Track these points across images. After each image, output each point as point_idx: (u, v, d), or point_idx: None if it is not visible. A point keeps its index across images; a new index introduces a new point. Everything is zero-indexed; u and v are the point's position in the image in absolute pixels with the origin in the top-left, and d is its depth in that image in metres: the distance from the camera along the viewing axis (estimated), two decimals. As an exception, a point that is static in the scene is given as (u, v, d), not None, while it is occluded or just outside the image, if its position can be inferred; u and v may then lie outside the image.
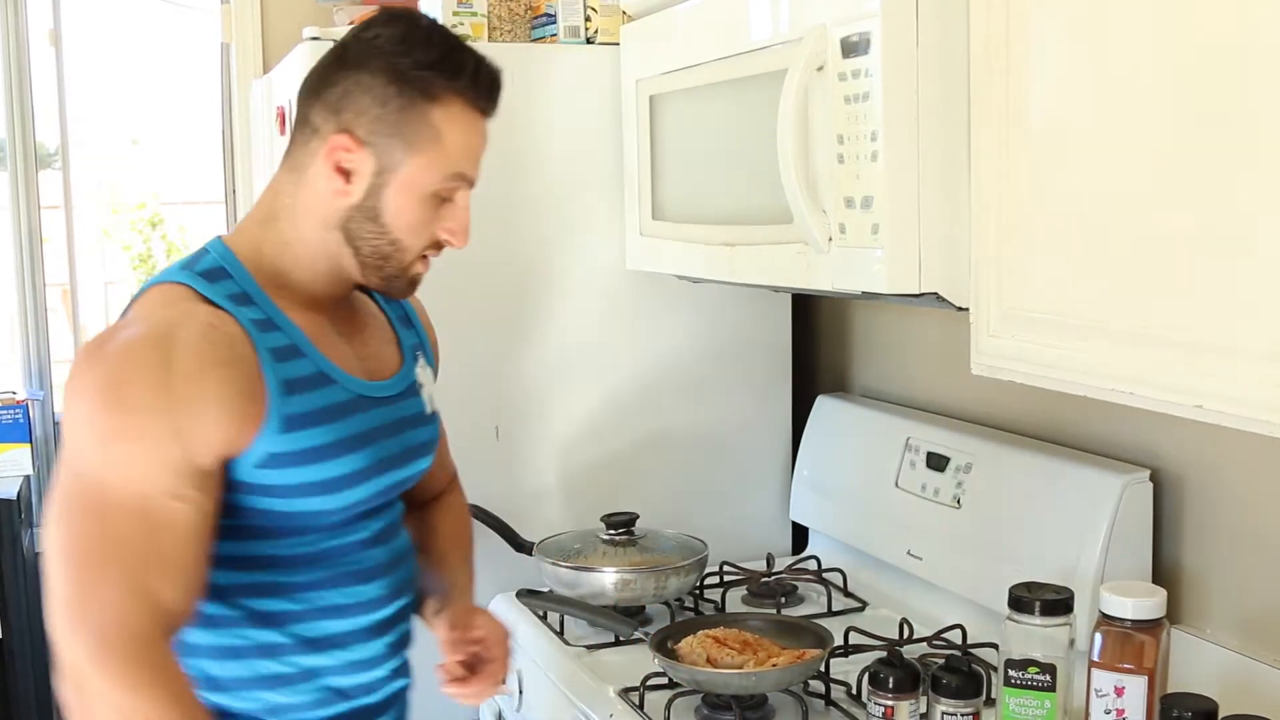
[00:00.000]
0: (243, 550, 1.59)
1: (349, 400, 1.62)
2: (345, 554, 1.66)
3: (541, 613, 2.36)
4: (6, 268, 3.81)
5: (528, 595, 2.36)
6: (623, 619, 2.20)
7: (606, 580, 2.28)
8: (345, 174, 1.58)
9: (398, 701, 1.82)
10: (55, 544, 1.47)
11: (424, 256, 1.67)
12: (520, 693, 2.30)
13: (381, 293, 1.73)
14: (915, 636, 2.11)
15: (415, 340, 1.84)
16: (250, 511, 1.57)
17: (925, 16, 1.67)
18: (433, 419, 1.82)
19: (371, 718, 1.75)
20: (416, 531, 1.90)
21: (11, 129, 3.94)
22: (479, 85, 1.61)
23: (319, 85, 1.61)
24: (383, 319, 1.81)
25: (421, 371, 1.81)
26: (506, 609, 2.43)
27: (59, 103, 3.94)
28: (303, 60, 2.40)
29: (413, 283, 1.70)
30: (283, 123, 2.62)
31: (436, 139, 1.58)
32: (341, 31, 2.38)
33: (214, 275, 1.58)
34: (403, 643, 1.79)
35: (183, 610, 1.50)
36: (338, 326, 1.68)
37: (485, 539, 2.44)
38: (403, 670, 1.81)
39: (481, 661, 1.80)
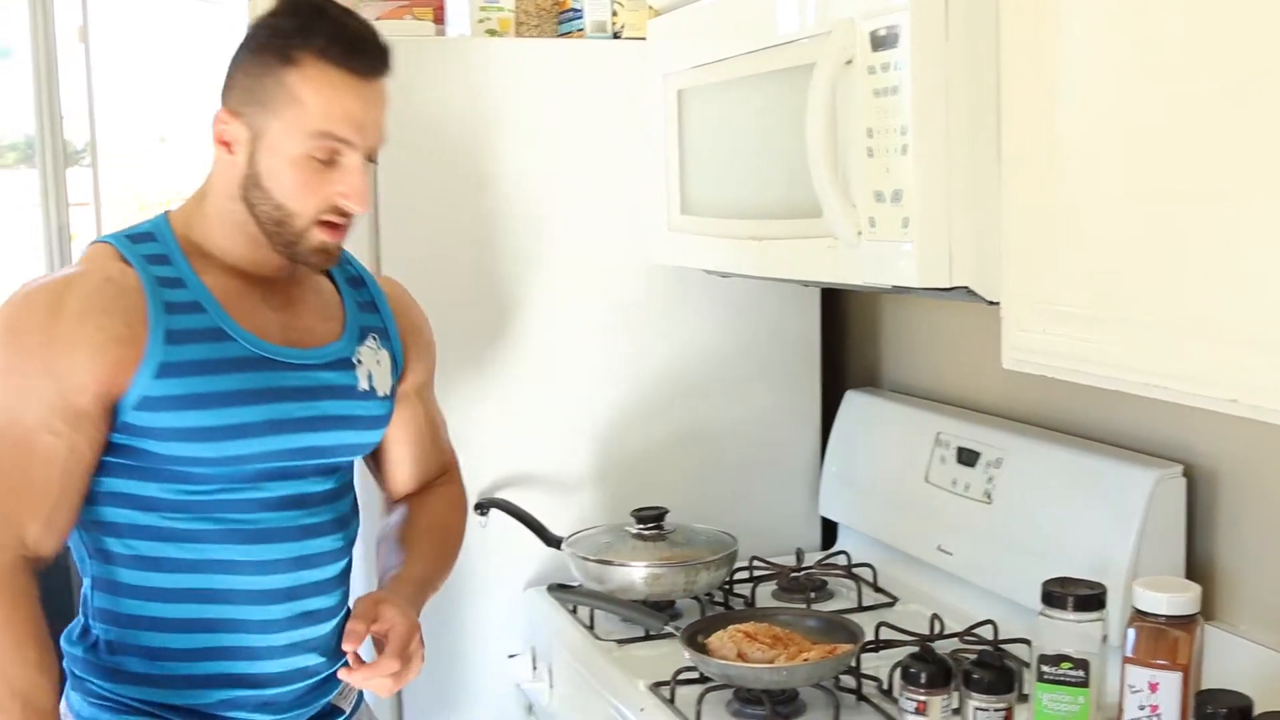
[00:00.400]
0: (132, 489, 1.70)
1: (247, 358, 1.71)
2: (238, 510, 1.73)
3: (572, 607, 2.36)
4: (36, 264, 3.83)
5: (559, 589, 2.37)
6: (653, 613, 2.19)
7: (636, 575, 2.28)
8: (227, 145, 1.70)
9: (303, 678, 1.83)
10: None
11: (326, 224, 1.71)
12: (551, 686, 2.31)
13: (292, 260, 1.75)
14: (946, 632, 2.11)
15: (375, 324, 1.91)
16: (136, 452, 1.67)
17: (955, 9, 1.66)
18: (368, 395, 1.84)
19: (259, 686, 1.77)
20: (399, 517, 1.97)
21: (40, 127, 3.96)
22: (336, 45, 1.66)
23: (224, 78, 1.73)
24: (333, 298, 1.88)
25: (367, 352, 1.86)
26: (537, 603, 2.44)
27: (88, 100, 3.96)
28: (331, 56, 2.40)
29: (320, 251, 1.73)
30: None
31: (294, 101, 1.65)
32: (369, 27, 2.40)
33: (140, 239, 1.73)
34: (316, 618, 1.81)
35: (46, 548, 1.64)
36: (266, 298, 1.77)
37: (515, 534, 2.45)
38: (317, 648, 1.83)
39: (381, 650, 1.77)
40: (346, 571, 1.88)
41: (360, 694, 2.00)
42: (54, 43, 3.91)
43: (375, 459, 2.02)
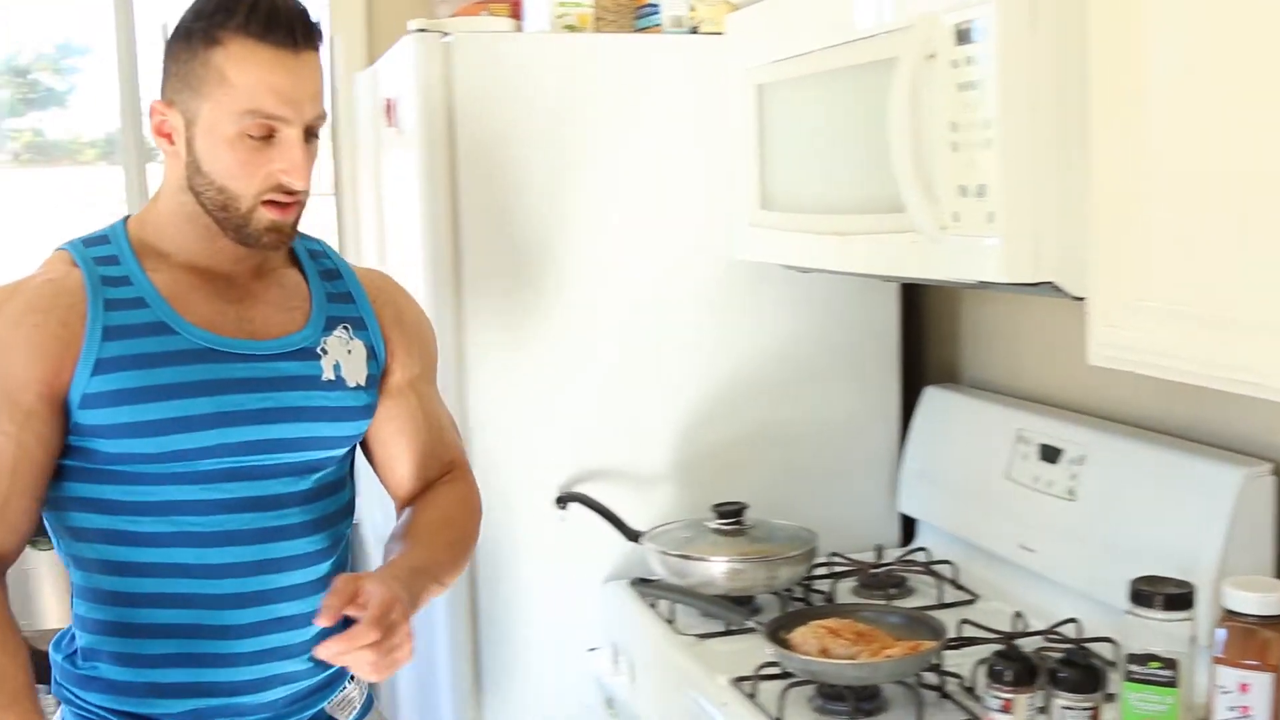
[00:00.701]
0: (92, 493, 1.68)
1: (190, 350, 1.68)
2: (195, 512, 1.69)
3: (652, 601, 2.37)
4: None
5: (640, 583, 2.37)
6: (735, 608, 2.20)
7: (717, 570, 2.28)
8: (167, 136, 1.69)
9: (278, 685, 1.77)
10: None
11: (271, 203, 1.68)
12: (632, 680, 2.31)
13: (245, 244, 1.71)
14: (1029, 630, 2.09)
15: (349, 314, 1.85)
16: (89, 453, 1.66)
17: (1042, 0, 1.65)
18: (337, 385, 1.79)
19: (229, 695, 1.73)
20: (404, 517, 1.90)
21: (124, 124, 4.01)
22: (256, 20, 1.62)
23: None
24: (300, 289, 1.83)
25: (336, 342, 1.80)
26: (617, 597, 2.44)
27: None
28: (409, 52, 2.42)
29: (271, 230, 1.70)
30: (390, 114, 2.64)
31: (221, 81, 1.63)
32: (446, 24, 2.42)
33: (93, 241, 1.72)
34: (291, 623, 1.75)
35: (2, 497, 1.62)
36: (224, 291, 1.74)
37: (595, 528, 2.45)
38: (295, 654, 1.76)
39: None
40: (332, 577, 1.76)
41: (367, 704, 1.94)
42: (135, 40, 3.96)
43: (374, 456, 1.94)
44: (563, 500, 2.48)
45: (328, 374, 1.78)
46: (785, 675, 1.96)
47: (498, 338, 2.46)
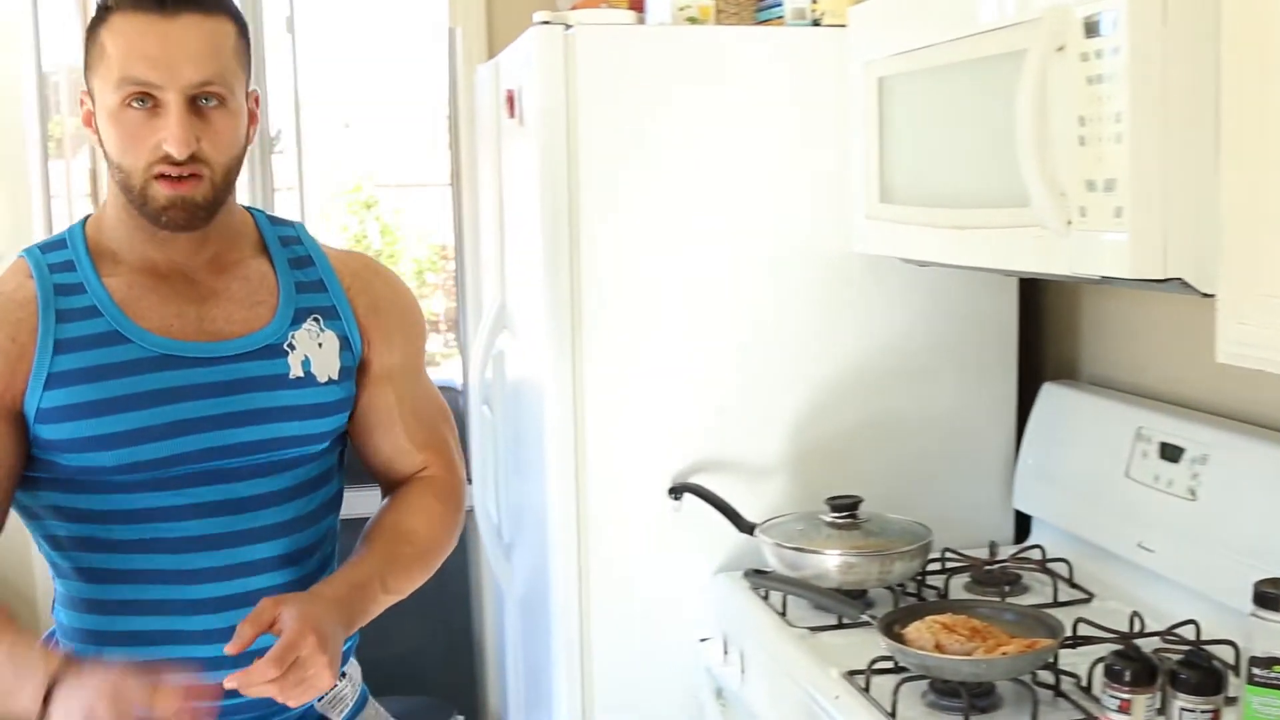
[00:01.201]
0: (64, 501, 1.67)
1: (145, 359, 1.65)
2: (165, 519, 1.67)
3: (764, 593, 2.37)
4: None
5: (753, 575, 2.38)
6: (850, 601, 2.19)
7: (830, 563, 2.28)
8: (88, 123, 1.67)
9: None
10: None
11: (162, 177, 1.62)
12: (742, 671, 2.32)
13: (154, 224, 1.66)
14: (1147, 630, 2.06)
15: (322, 304, 1.80)
16: (51, 465, 1.64)
17: (1174, -8, 1.63)
18: (307, 382, 1.74)
19: (218, 698, 1.63)
20: (372, 517, 1.85)
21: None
22: None
23: None
24: (266, 282, 1.77)
25: (305, 336, 1.75)
26: (729, 588, 2.45)
27: (294, 89, 4.07)
28: (532, 44, 2.44)
29: (167, 208, 1.63)
30: (511, 106, 2.67)
31: (102, 54, 1.61)
32: (569, 16, 2.44)
33: (50, 247, 1.71)
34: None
35: None
36: (182, 291, 1.71)
37: (708, 519, 2.46)
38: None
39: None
40: (315, 575, 1.79)
41: (361, 700, 1.89)
42: (262, 33, 4.03)
43: (356, 447, 1.90)
44: (676, 491, 2.49)
45: (295, 371, 1.73)
46: (899, 670, 1.95)
47: (614, 328, 2.48)
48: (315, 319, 1.77)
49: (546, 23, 2.44)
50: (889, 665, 1.97)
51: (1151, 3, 1.63)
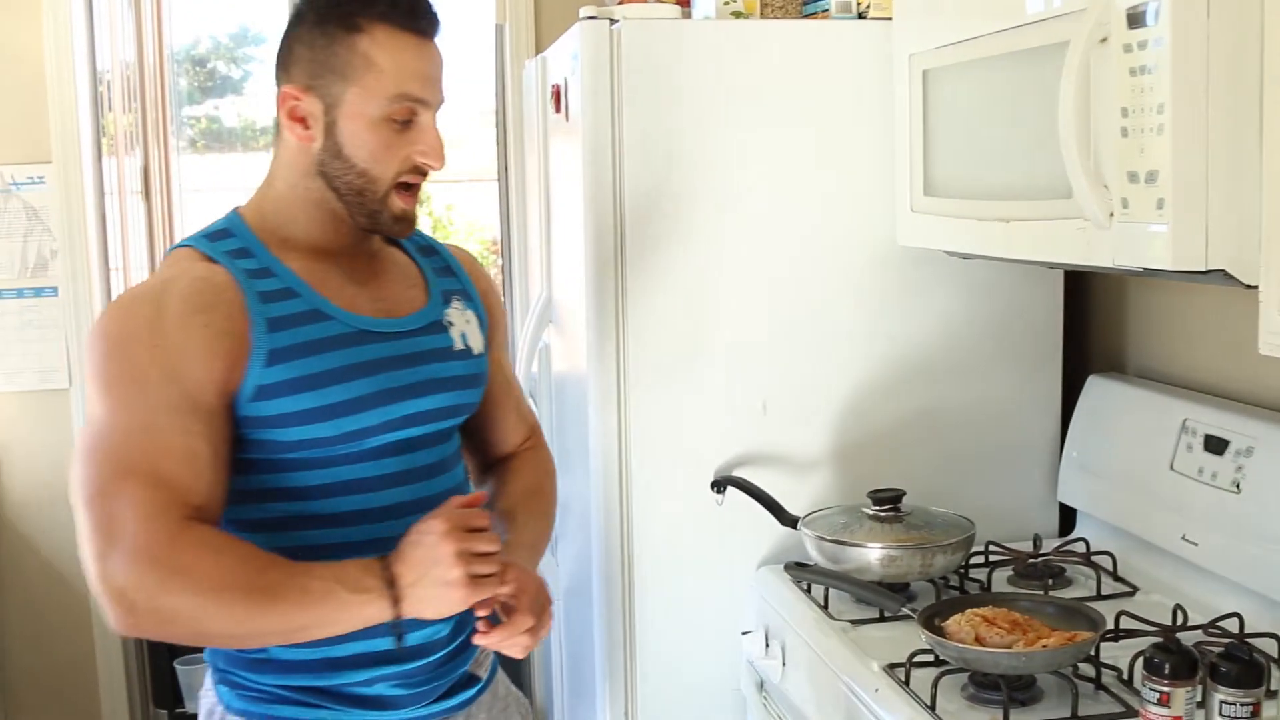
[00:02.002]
0: (264, 483, 1.72)
1: (347, 333, 1.73)
2: (363, 490, 1.74)
3: (806, 586, 2.37)
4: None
5: (795, 568, 2.38)
6: (890, 595, 2.19)
7: (872, 556, 2.28)
8: (301, 121, 1.70)
9: (435, 650, 1.81)
10: (76, 491, 1.60)
11: (404, 187, 1.73)
12: (783, 664, 2.32)
13: (375, 232, 1.78)
14: (1190, 624, 2.06)
15: (456, 286, 1.92)
16: (260, 444, 1.69)
17: (1217, -16, 1.63)
18: (466, 354, 1.86)
19: (397, 662, 1.77)
20: (492, 487, 1.97)
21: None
22: (398, 6, 1.68)
23: (277, 55, 1.75)
24: (410, 267, 1.89)
25: (455, 313, 1.88)
26: (771, 581, 2.46)
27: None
28: (578, 38, 2.46)
29: (401, 218, 1.76)
30: (558, 101, 2.68)
31: (369, 66, 1.67)
32: (615, 11, 2.45)
33: (217, 236, 1.74)
34: None
35: (206, 496, 1.61)
36: (350, 273, 1.79)
37: (751, 512, 2.47)
38: (445, 619, 1.78)
39: (511, 613, 1.73)
40: None
41: (495, 663, 1.99)
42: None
43: (471, 424, 1.98)
44: (719, 484, 2.50)
45: (458, 344, 1.86)
46: (939, 663, 1.96)
47: (658, 322, 2.49)
48: (457, 299, 1.90)
49: (592, 18, 2.45)
50: (929, 658, 1.97)
51: (1195, -7, 1.63)
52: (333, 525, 1.73)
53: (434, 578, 1.59)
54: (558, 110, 2.69)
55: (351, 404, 1.70)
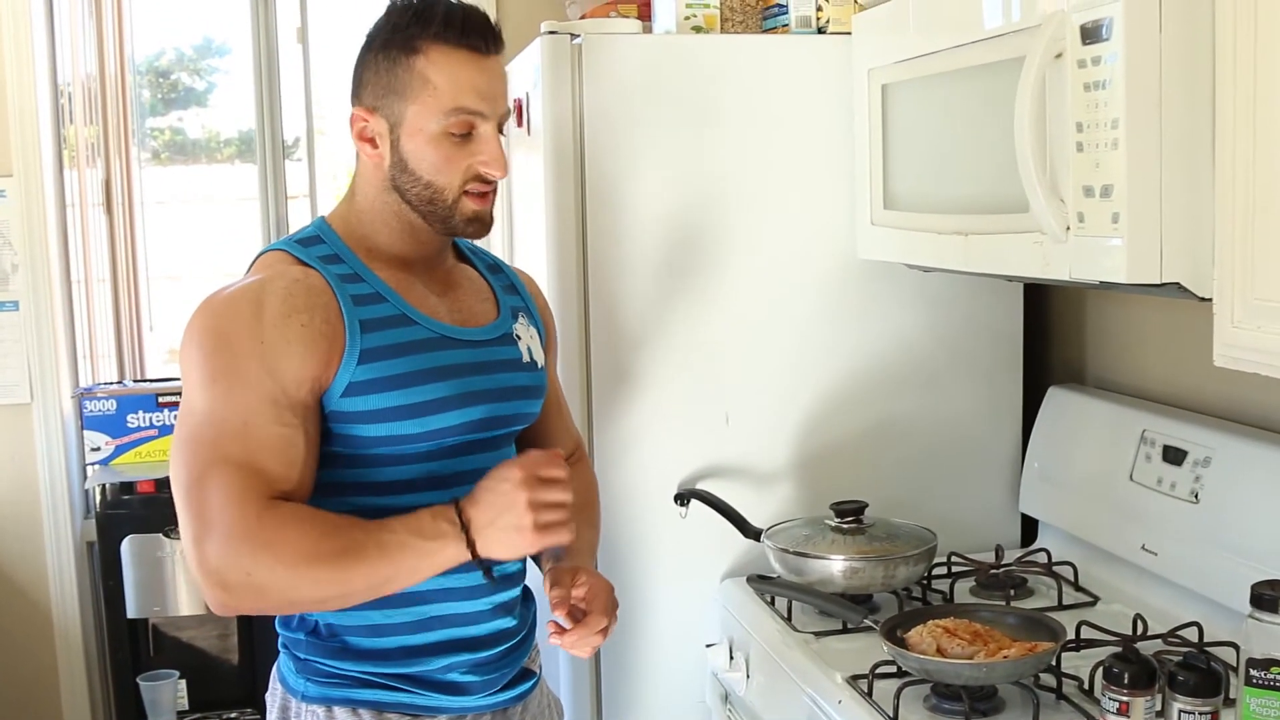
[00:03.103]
0: (347, 476, 1.80)
1: (431, 338, 1.82)
2: (443, 484, 1.81)
3: (769, 598, 2.38)
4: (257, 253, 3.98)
5: (758, 580, 2.39)
6: (852, 606, 2.20)
7: (835, 568, 2.29)
8: (370, 141, 1.82)
9: (505, 640, 1.92)
10: (175, 480, 1.69)
11: (471, 194, 1.82)
12: (748, 676, 2.33)
13: (452, 235, 1.87)
14: (1150, 633, 2.07)
15: (519, 304, 2.02)
16: (346, 438, 1.77)
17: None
18: (532, 367, 1.96)
19: (472, 650, 1.86)
20: None
21: (260, 123, 4.12)
22: (451, 26, 1.77)
23: (351, 81, 1.86)
24: (480, 282, 1.99)
25: (521, 328, 1.98)
26: (735, 594, 2.46)
27: (305, 97, 4.10)
28: (539, 53, 2.46)
29: (473, 220, 1.84)
30: (520, 114, 2.69)
31: (425, 84, 1.76)
32: (576, 25, 2.46)
33: (309, 242, 1.84)
34: (510, 581, 1.93)
35: (296, 484, 1.71)
36: (430, 284, 1.89)
37: (714, 525, 2.48)
38: (510, 609, 1.93)
39: (584, 615, 1.87)
40: None
41: (541, 667, 2.07)
42: (275, 43, 4.07)
43: (524, 435, 2.05)
44: (682, 498, 2.51)
45: (525, 356, 1.96)
46: (901, 674, 1.96)
47: (621, 335, 2.49)
48: (522, 315, 2.00)
49: (554, 32, 2.46)
50: (891, 670, 1.98)
51: (1148, 10, 1.65)
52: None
53: (505, 523, 1.68)
54: (520, 124, 2.70)
55: (435, 404, 1.79)
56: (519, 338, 1.96)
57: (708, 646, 2.50)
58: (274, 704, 1.89)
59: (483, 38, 1.79)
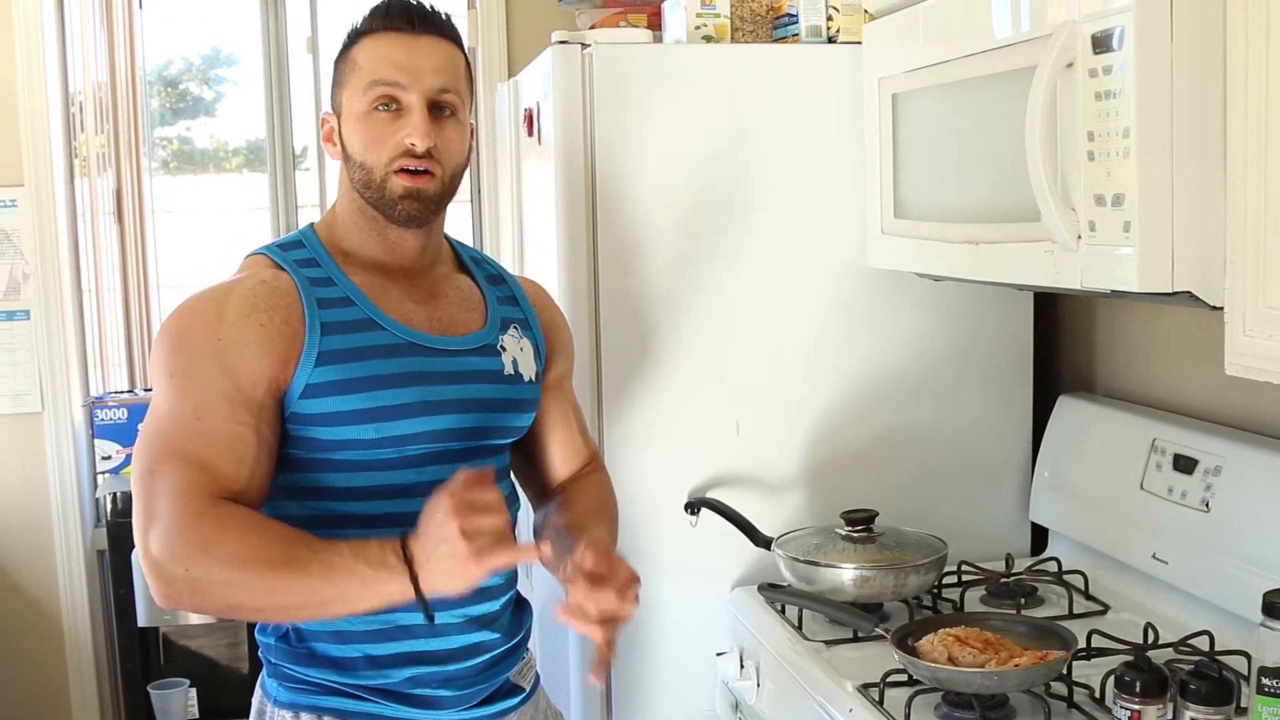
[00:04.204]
0: (309, 480, 1.79)
1: (397, 344, 1.81)
2: (407, 495, 1.78)
3: (780, 607, 2.38)
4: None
5: (769, 589, 2.39)
6: (863, 615, 2.21)
7: (845, 576, 2.29)
8: (331, 140, 1.87)
9: (480, 653, 1.88)
10: (133, 471, 1.72)
11: (402, 170, 1.80)
12: (758, 685, 2.33)
13: (393, 220, 1.84)
14: (1161, 642, 2.07)
15: (515, 315, 2.00)
16: (305, 441, 1.77)
17: (1180, 8, 1.64)
18: (516, 379, 1.93)
19: (439, 663, 1.84)
20: (556, 508, 2.01)
21: (271, 132, 4.13)
22: (379, 15, 1.83)
23: None
24: (474, 292, 1.98)
25: (510, 340, 1.95)
26: (746, 602, 2.47)
27: (315, 107, 4.11)
28: (550, 63, 2.47)
29: (405, 196, 1.80)
30: (530, 124, 2.69)
31: (354, 67, 1.82)
32: (586, 35, 2.47)
33: (290, 246, 1.87)
34: (488, 595, 1.87)
35: (246, 484, 1.70)
36: (410, 291, 1.88)
37: (725, 534, 2.48)
38: (488, 623, 1.89)
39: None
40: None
41: (538, 676, 2.05)
42: (286, 53, 4.08)
43: (528, 449, 2.07)
44: (693, 506, 2.51)
45: (508, 369, 1.92)
46: (912, 682, 1.97)
47: (632, 344, 2.50)
48: (515, 327, 1.98)
49: (564, 42, 2.47)
50: (902, 678, 1.98)
51: (1158, 20, 1.65)
52: (370, 526, 1.76)
53: (442, 554, 1.61)
54: (530, 134, 2.70)
55: (393, 410, 1.78)
56: (504, 349, 1.94)
57: (718, 655, 2.50)
58: (254, 705, 1.90)
59: (408, 19, 1.81)
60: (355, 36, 1.84)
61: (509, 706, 1.93)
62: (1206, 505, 2.16)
